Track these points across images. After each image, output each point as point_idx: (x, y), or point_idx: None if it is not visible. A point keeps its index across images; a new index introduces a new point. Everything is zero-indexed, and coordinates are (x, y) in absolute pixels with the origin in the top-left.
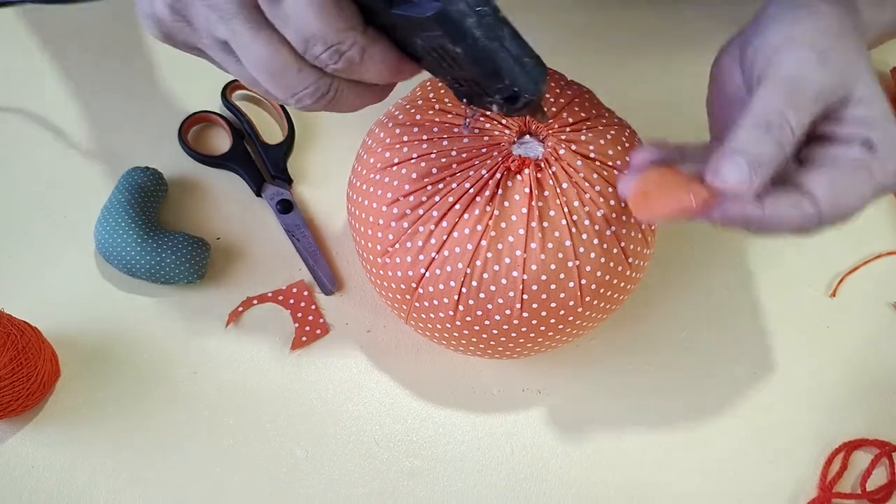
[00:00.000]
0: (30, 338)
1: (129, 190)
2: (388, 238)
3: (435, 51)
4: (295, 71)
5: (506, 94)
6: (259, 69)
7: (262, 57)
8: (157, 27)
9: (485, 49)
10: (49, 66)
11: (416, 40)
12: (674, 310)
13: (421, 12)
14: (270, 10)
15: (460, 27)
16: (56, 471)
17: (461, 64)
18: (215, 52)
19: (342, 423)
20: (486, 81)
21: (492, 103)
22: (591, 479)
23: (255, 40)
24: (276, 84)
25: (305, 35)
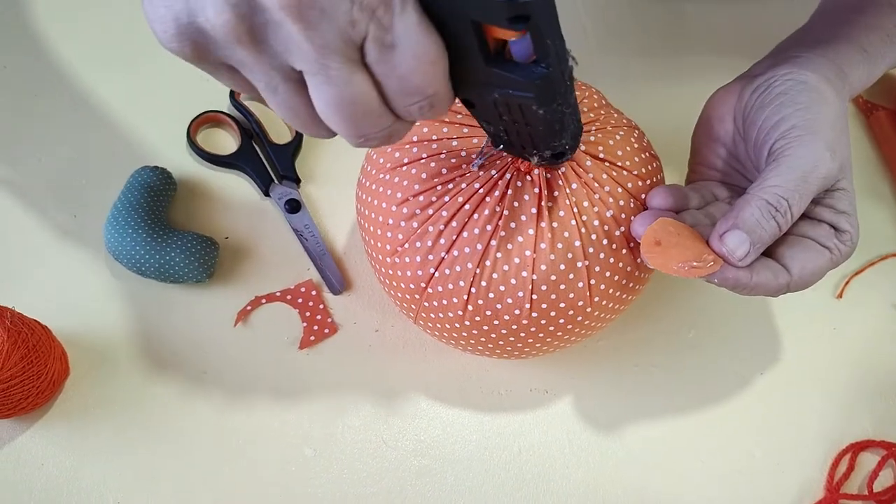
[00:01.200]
0: (40, 336)
1: (139, 189)
2: (398, 238)
3: (506, 106)
4: (377, 116)
5: (556, 151)
6: (339, 110)
7: (350, 100)
8: (195, 36)
9: (562, 113)
10: (60, 64)
11: (493, 93)
12: (681, 310)
13: (525, 76)
14: (379, 54)
15: (555, 93)
16: (65, 469)
17: (532, 123)
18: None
19: (350, 423)
20: (546, 139)
21: (535, 155)
22: (599, 479)
23: (349, 82)
24: (353, 126)
25: (411, 87)
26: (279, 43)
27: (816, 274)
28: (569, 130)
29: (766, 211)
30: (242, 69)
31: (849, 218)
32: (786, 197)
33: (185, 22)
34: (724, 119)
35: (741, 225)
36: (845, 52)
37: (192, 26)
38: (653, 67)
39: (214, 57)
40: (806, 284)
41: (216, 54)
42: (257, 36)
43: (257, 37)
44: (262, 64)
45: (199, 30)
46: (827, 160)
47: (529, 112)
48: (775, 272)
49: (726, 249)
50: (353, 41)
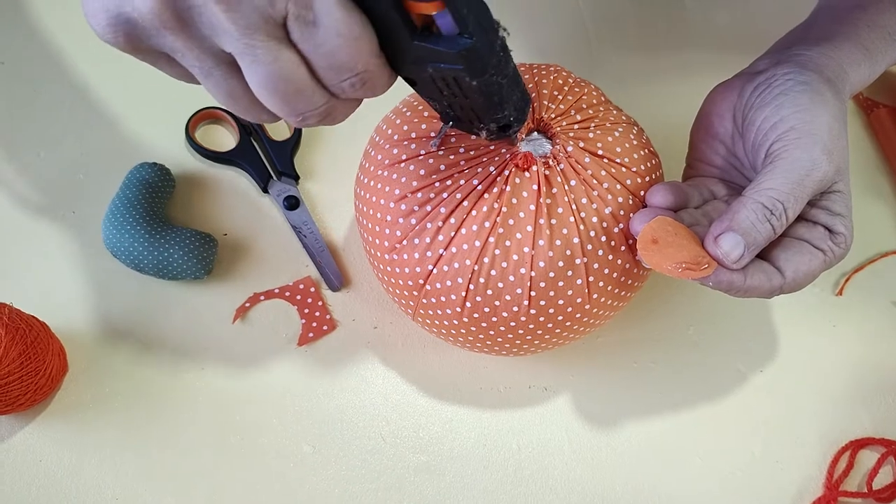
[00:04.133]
0: (38, 332)
1: (137, 186)
2: (396, 234)
3: (443, 80)
4: (310, 93)
5: (501, 123)
6: (271, 88)
7: (279, 76)
8: (125, 26)
9: (497, 84)
10: (58, 60)
11: (426, 68)
12: (680, 307)
13: (450, 47)
14: (301, 32)
15: (484, 64)
16: (64, 465)
17: (469, 95)
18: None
19: (349, 419)
20: (487, 112)
21: (482, 129)
22: (598, 476)
23: (276, 59)
24: (287, 104)
25: (338, 64)
26: (206, 26)
27: (809, 276)
28: (510, 102)
29: (762, 214)
30: (175, 56)
31: (843, 220)
32: (781, 200)
33: (115, 13)
34: (723, 116)
35: (736, 227)
36: (847, 50)
37: (122, 17)
38: (652, 64)
39: (147, 46)
40: (799, 286)
41: (148, 43)
42: (184, 21)
43: (184, 22)
44: (192, 49)
45: (128, 19)
46: (823, 163)
47: (465, 84)
48: (769, 274)
49: (721, 252)
50: (274, 19)
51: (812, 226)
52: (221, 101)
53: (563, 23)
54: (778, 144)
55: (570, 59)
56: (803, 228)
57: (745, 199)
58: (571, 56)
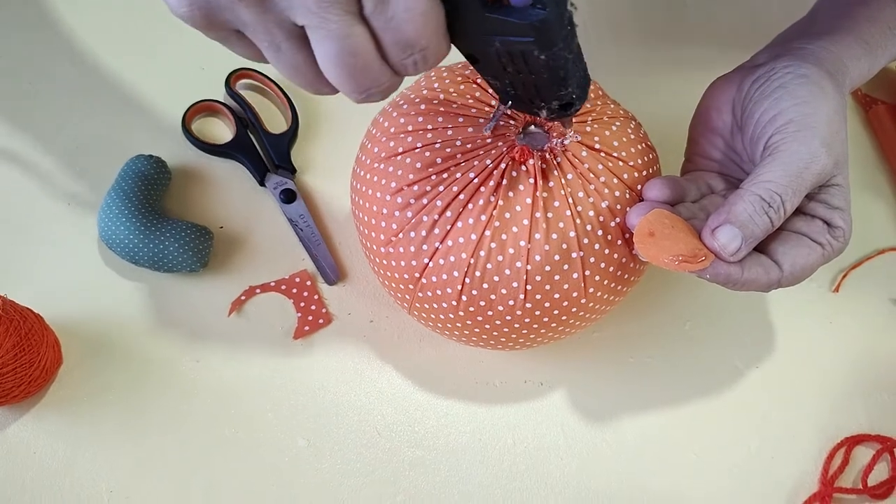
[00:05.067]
0: (32, 324)
1: (133, 178)
2: (392, 228)
3: (509, 55)
4: (376, 69)
5: (564, 101)
6: (339, 63)
7: (349, 52)
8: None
9: (564, 59)
10: (55, 53)
11: (494, 42)
12: (677, 302)
13: (522, 18)
14: (374, 7)
15: (554, 36)
16: (58, 457)
17: (535, 70)
18: (273, 37)
19: (344, 413)
20: (551, 88)
21: (543, 108)
22: (593, 471)
23: (349, 34)
24: (354, 79)
25: (405, 40)
26: None
27: (807, 270)
28: (574, 78)
29: (759, 206)
30: (246, 30)
31: (842, 214)
32: (779, 193)
33: None
34: (722, 110)
35: (733, 220)
36: (847, 45)
37: None
38: (650, 58)
39: (220, 21)
40: (797, 280)
41: (221, 17)
42: None
43: None
44: (265, 22)
45: None
46: (822, 156)
47: (532, 59)
48: (766, 268)
49: (718, 244)
50: None
51: (810, 219)
52: (286, 73)
53: None
54: (776, 137)
55: None
56: (801, 222)
57: (743, 192)
58: None
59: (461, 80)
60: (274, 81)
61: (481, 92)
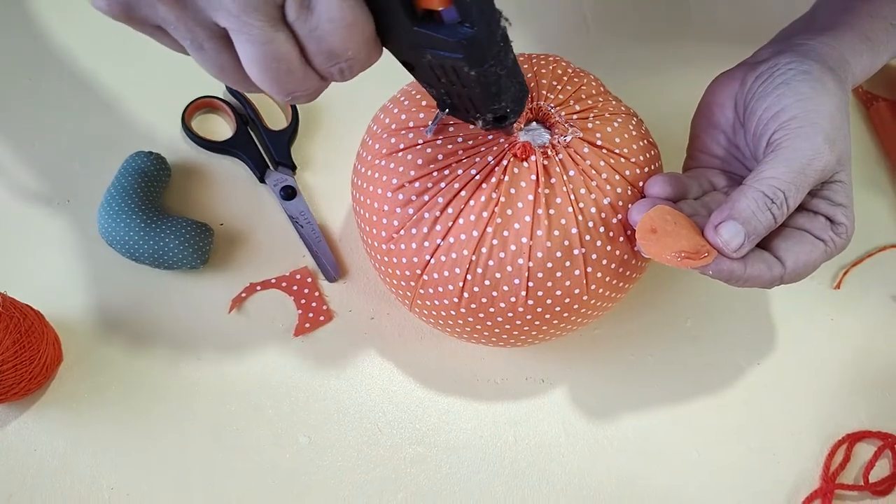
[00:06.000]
0: (32, 321)
1: (133, 174)
2: (393, 224)
3: (441, 68)
4: (301, 74)
5: (498, 114)
6: (262, 67)
7: (271, 57)
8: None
9: (496, 75)
10: (54, 49)
11: (425, 54)
12: (678, 299)
13: (450, 35)
14: (298, 14)
15: (484, 54)
16: (58, 455)
17: (467, 84)
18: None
19: (345, 410)
20: (484, 102)
21: (478, 119)
22: (594, 468)
23: (271, 40)
24: (277, 83)
25: (329, 49)
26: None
27: (810, 266)
28: (508, 93)
29: (763, 202)
30: (167, 27)
31: (845, 210)
32: (782, 189)
33: None
34: (724, 106)
35: (737, 216)
36: (849, 41)
37: None
38: (651, 54)
39: (140, 16)
40: (799, 277)
41: (141, 13)
42: None
43: None
44: (185, 20)
45: None
46: (825, 152)
47: (463, 74)
48: (769, 264)
49: (721, 240)
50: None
51: (813, 216)
52: (211, 72)
53: (562, 12)
54: (779, 133)
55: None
56: (804, 218)
57: (746, 188)
58: (570, 46)
59: None
60: None
61: None
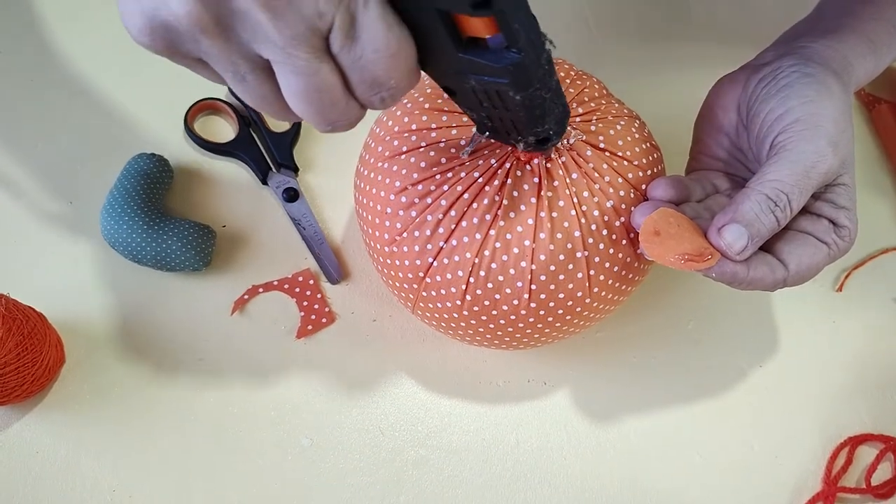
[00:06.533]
0: (35, 323)
1: (135, 176)
2: (396, 227)
3: (485, 92)
4: (343, 104)
5: (540, 136)
6: (305, 99)
7: (315, 88)
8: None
9: (541, 98)
10: (57, 50)
11: (469, 79)
12: (680, 302)
13: (496, 61)
14: (342, 45)
15: (530, 78)
16: (60, 457)
17: (511, 108)
18: (237, 68)
19: (347, 412)
20: (528, 125)
21: (520, 141)
22: (596, 470)
23: (315, 71)
24: (319, 114)
25: (373, 79)
26: (246, 31)
27: (813, 269)
28: (552, 115)
29: (766, 205)
30: (209, 60)
31: (848, 213)
32: (786, 192)
33: (151, 15)
34: (727, 108)
35: (740, 219)
36: (852, 43)
37: (158, 19)
38: (654, 57)
39: (183, 50)
40: (802, 279)
41: (183, 48)
42: (223, 25)
43: (223, 26)
44: (228, 53)
45: (165, 22)
46: (829, 155)
47: (507, 98)
48: (772, 267)
49: (724, 243)
50: (319, 31)
51: (816, 219)
52: (251, 102)
53: (564, 16)
54: (783, 136)
55: (571, 51)
56: (807, 221)
57: (750, 191)
58: (572, 49)
59: None
60: None
61: None
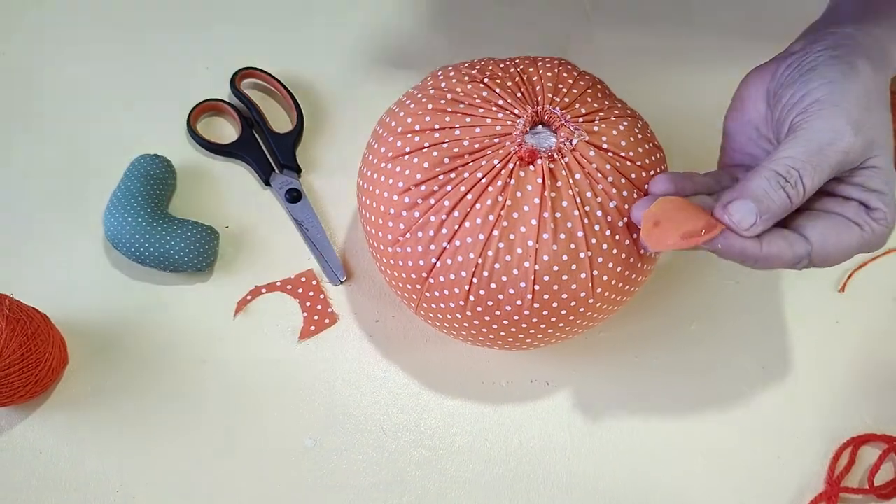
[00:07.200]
0: (38, 324)
1: (139, 177)
2: (399, 227)
3: None
4: None
5: None
6: None
7: None
8: None
9: None
10: (60, 51)
11: None
12: (683, 303)
13: None
14: None
15: None
16: (64, 458)
17: None
18: None
19: (350, 413)
20: None
21: None
22: (599, 471)
23: None
24: None
25: None
26: None
27: (842, 249)
28: None
29: (775, 181)
30: None
31: (882, 197)
32: (796, 167)
33: None
34: (756, 99)
35: (748, 194)
36: (885, 27)
37: None
38: (657, 58)
39: None
40: (830, 259)
41: None
42: None
43: None
44: None
45: None
46: (847, 134)
47: None
48: (791, 241)
49: (732, 220)
50: None
51: (844, 201)
52: None
53: (566, 15)
54: (800, 117)
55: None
56: (833, 202)
57: (759, 169)
58: (575, 49)
59: (468, 80)
60: (279, 81)
61: (489, 92)
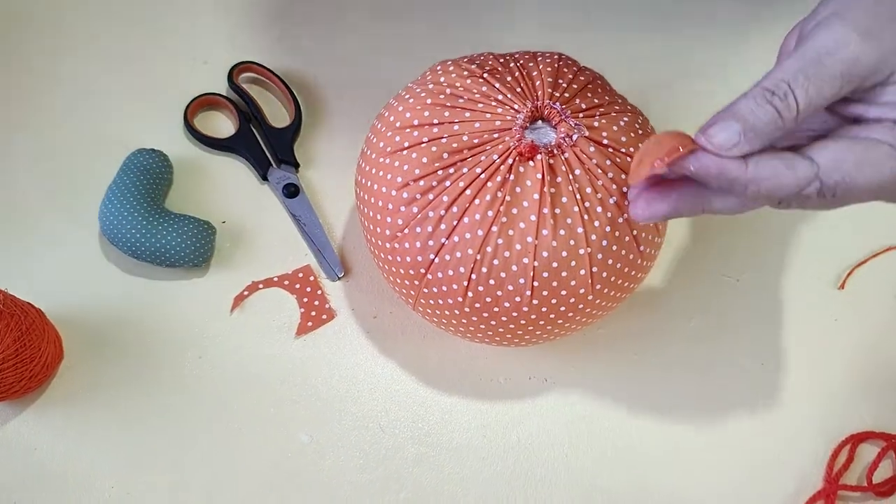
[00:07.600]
0: (33, 319)
1: (135, 172)
2: (398, 223)
3: None
4: None
5: None
6: None
7: None
8: None
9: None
10: (56, 46)
11: None
12: (683, 300)
13: None
14: None
15: None
16: (58, 454)
17: None
18: None
19: (347, 409)
20: None
21: None
22: (597, 468)
23: None
24: None
25: None
26: None
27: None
28: None
29: (762, 96)
30: None
31: None
32: (786, 79)
33: None
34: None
35: (729, 115)
36: None
37: None
38: (657, 53)
39: None
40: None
41: None
42: None
43: None
44: None
45: None
46: (853, 43)
47: None
48: (790, 163)
49: (711, 140)
50: None
51: (866, 123)
52: None
53: (566, 10)
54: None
55: (574, 47)
56: (859, 129)
57: (749, 90)
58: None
59: (468, 75)
60: (276, 75)
61: (488, 87)
